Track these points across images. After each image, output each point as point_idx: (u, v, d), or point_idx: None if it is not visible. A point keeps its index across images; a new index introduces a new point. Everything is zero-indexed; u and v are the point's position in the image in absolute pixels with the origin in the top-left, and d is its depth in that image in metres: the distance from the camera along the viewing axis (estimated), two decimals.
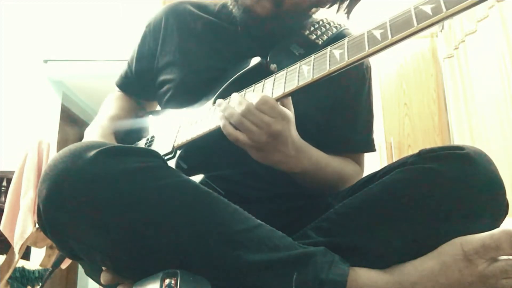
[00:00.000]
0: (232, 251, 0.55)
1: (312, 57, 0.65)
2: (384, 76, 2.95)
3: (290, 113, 0.66)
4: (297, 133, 0.70)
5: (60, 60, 3.46)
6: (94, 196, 0.53)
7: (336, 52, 0.61)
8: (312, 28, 0.85)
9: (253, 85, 0.72)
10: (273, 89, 0.67)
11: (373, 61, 0.92)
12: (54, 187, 0.54)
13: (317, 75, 0.62)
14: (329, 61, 0.61)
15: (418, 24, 0.53)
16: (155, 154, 0.60)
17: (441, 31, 2.91)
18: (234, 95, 0.68)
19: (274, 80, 0.69)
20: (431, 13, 0.52)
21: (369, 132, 0.91)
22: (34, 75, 3.36)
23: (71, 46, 3.46)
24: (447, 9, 0.51)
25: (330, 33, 0.84)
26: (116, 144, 0.58)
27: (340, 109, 0.86)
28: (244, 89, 0.73)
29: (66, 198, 0.54)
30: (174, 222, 0.54)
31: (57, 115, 3.63)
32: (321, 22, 0.87)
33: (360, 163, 0.90)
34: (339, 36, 0.84)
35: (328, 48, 0.63)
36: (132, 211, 0.53)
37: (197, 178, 0.66)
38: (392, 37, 0.55)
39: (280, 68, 0.75)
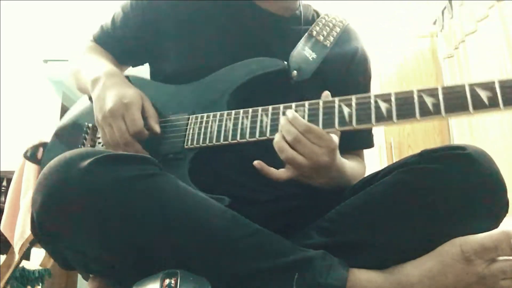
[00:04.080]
0: (231, 257, 0.55)
1: (353, 100, 0.64)
2: (384, 76, 2.94)
3: (336, 142, 0.66)
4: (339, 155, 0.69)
5: (60, 60, 3.45)
6: (89, 206, 0.52)
7: (382, 105, 0.61)
8: (318, 28, 0.85)
9: (281, 106, 0.70)
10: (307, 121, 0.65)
11: (373, 61, 0.93)
12: (49, 197, 0.54)
13: (359, 125, 0.63)
14: (375, 113, 0.61)
15: (473, 110, 0.56)
16: (151, 161, 0.60)
17: (441, 31, 2.90)
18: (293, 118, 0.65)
19: (307, 110, 0.67)
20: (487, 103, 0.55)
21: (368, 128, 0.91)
22: (34, 75, 3.36)
23: (71, 46, 3.45)
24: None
25: (334, 32, 0.86)
26: (110, 152, 0.57)
27: None
28: (281, 106, 0.70)
29: (61, 209, 0.53)
30: (172, 230, 0.54)
31: (57, 115, 3.62)
32: (323, 21, 0.87)
33: (362, 159, 0.91)
34: (344, 36, 0.86)
35: (372, 98, 0.62)
36: (128, 220, 0.53)
37: None
38: (445, 113, 0.57)
39: (299, 75, 0.77)
